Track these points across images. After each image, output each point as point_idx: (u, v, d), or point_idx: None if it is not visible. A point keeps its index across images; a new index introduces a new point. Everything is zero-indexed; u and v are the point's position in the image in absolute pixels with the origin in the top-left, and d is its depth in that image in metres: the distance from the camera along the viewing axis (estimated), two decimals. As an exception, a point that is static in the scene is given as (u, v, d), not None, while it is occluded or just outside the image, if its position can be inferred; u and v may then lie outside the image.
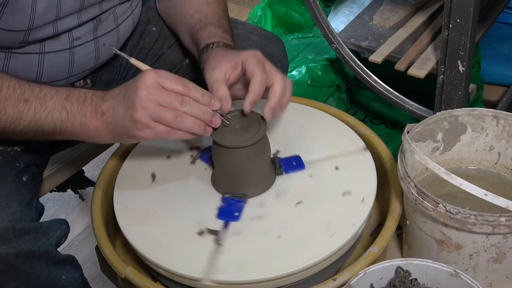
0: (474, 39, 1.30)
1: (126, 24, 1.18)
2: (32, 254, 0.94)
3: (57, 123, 0.95)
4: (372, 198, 1.01)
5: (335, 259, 0.95)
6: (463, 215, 0.87)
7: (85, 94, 0.96)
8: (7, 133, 0.96)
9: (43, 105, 0.94)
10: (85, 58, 1.12)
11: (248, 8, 2.53)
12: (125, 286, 0.99)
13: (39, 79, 1.08)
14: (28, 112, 0.94)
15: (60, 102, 0.95)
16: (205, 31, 1.11)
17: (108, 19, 1.13)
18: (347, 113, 1.23)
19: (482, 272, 0.93)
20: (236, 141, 0.97)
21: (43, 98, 0.95)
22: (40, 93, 0.95)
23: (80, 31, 1.09)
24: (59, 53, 1.08)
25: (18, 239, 0.92)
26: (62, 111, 0.95)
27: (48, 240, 0.96)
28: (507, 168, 1.06)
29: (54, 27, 1.04)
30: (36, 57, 1.06)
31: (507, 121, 1.03)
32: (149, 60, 1.27)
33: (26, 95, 0.94)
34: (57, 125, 0.95)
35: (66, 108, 0.95)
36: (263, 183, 1.03)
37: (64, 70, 1.10)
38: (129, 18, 1.18)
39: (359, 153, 1.09)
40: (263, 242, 0.95)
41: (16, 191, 0.98)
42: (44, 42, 1.05)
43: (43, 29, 1.03)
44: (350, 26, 1.63)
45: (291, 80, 1.78)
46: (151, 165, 1.10)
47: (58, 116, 0.95)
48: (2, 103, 0.93)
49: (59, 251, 1.00)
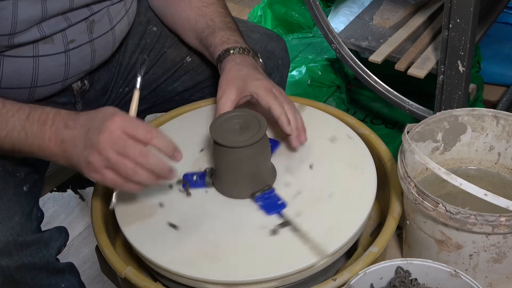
0: (474, 39, 1.30)
1: (122, 25, 1.17)
2: (33, 266, 0.94)
3: (16, 142, 0.93)
4: (372, 198, 1.01)
5: (335, 259, 0.95)
6: (463, 215, 0.87)
7: (47, 115, 0.93)
8: None
9: (3, 122, 0.92)
10: (81, 60, 1.12)
11: (248, 8, 2.53)
12: (125, 286, 0.99)
13: (34, 83, 1.08)
14: None
15: (20, 122, 0.93)
16: (217, 36, 1.13)
17: (102, 20, 1.12)
18: (347, 113, 1.23)
19: (482, 272, 0.93)
20: (239, 141, 0.97)
21: (5, 115, 0.93)
22: (3, 109, 0.93)
23: (74, 33, 1.08)
24: (54, 57, 1.07)
25: (20, 252, 0.92)
26: (21, 131, 0.92)
27: (48, 252, 0.96)
28: (507, 168, 1.06)
29: (40, 29, 1.02)
30: (30, 61, 1.05)
31: (507, 121, 1.03)
32: (150, 60, 1.28)
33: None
34: (16, 145, 0.93)
35: (25, 129, 0.92)
36: (271, 174, 1.04)
37: (60, 73, 1.10)
38: (124, 18, 1.17)
39: (358, 153, 1.09)
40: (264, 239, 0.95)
41: (17, 203, 0.98)
42: (37, 44, 1.04)
43: (28, 32, 1.01)
44: (350, 26, 1.63)
45: (291, 80, 1.80)
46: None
47: (17, 136, 0.93)
48: None
49: (59, 259, 1.00)
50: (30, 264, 0.93)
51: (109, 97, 1.27)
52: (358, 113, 1.87)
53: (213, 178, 1.04)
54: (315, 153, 1.09)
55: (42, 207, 1.07)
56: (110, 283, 1.08)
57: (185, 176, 1.05)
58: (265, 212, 0.99)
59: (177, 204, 1.02)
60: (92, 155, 0.88)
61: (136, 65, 1.27)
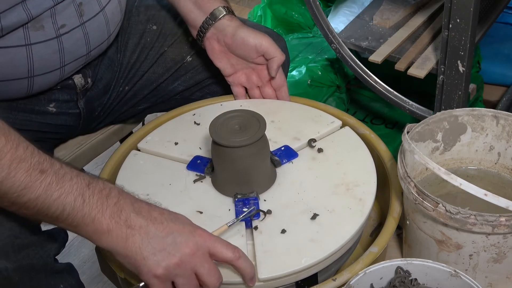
0: (474, 39, 1.30)
1: (112, 6, 1.16)
2: (32, 267, 0.92)
3: (68, 208, 0.83)
4: (372, 198, 1.01)
5: (335, 259, 0.95)
6: (463, 215, 0.87)
7: (110, 189, 0.86)
8: (6, 200, 0.83)
9: (59, 183, 0.83)
10: (75, 45, 1.10)
11: (248, 8, 2.53)
12: (125, 286, 0.99)
13: (31, 72, 1.06)
14: (41, 185, 0.82)
15: (79, 187, 0.84)
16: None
17: (91, 2, 1.11)
18: (347, 113, 1.23)
19: (482, 272, 0.93)
20: (238, 140, 0.97)
21: (62, 176, 0.83)
22: (60, 170, 0.84)
23: (64, 18, 1.07)
24: (47, 43, 1.06)
25: (18, 253, 0.91)
26: (78, 197, 0.83)
27: (46, 253, 0.95)
28: (507, 168, 1.06)
29: (25, 8, 1.00)
30: (23, 50, 1.04)
31: (507, 121, 1.03)
32: (150, 59, 1.28)
33: (44, 166, 0.83)
34: (66, 210, 0.83)
35: (84, 196, 0.84)
36: (268, 179, 1.04)
37: (56, 60, 1.08)
38: None
39: (358, 153, 1.09)
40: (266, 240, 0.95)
41: None
42: (27, 31, 1.03)
43: (13, 11, 0.98)
44: (350, 26, 1.63)
45: (291, 80, 1.80)
46: (152, 166, 1.10)
47: (71, 201, 0.83)
48: (15, 164, 0.80)
49: (57, 259, 1.00)
50: (29, 265, 0.92)
51: (110, 96, 1.27)
52: (358, 113, 1.87)
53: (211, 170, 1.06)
54: (315, 153, 1.09)
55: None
56: (110, 283, 1.08)
57: (195, 158, 1.09)
58: (236, 215, 0.99)
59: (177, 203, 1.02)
60: (170, 261, 0.84)
61: (137, 64, 1.27)
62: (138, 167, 1.10)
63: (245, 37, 1.17)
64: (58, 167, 0.84)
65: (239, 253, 0.88)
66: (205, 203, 1.02)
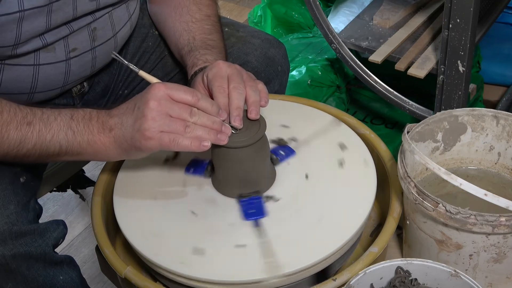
0: (474, 39, 1.30)
1: (124, 31, 1.18)
2: (29, 255, 0.94)
3: (63, 143, 0.94)
4: (372, 198, 1.01)
5: (335, 259, 0.95)
6: (463, 215, 0.87)
7: (90, 113, 0.95)
8: (9, 157, 0.95)
9: (47, 126, 0.93)
10: (82, 67, 1.12)
11: (248, 8, 2.53)
12: (125, 286, 0.99)
13: (33, 89, 1.08)
14: (32, 134, 0.93)
15: (65, 122, 0.94)
16: (190, 57, 1.12)
17: (105, 27, 1.12)
18: (347, 113, 1.23)
19: (482, 272, 0.93)
20: (239, 141, 0.97)
21: (47, 120, 0.94)
22: (43, 116, 0.94)
23: (76, 42, 1.08)
24: (55, 65, 1.08)
25: (14, 241, 0.92)
26: (68, 131, 0.94)
27: (44, 242, 0.96)
28: (507, 168, 1.06)
29: (42, 39, 1.03)
30: (30, 69, 1.06)
31: (507, 121, 1.03)
32: (151, 63, 1.28)
33: (29, 118, 0.93)
34: (63, 145, 0.94)
35: (72, 127, 0.94)
36: (269, 177, 1.04)
37: (60, 80, 1.10)
38: (127, 24, 1.17)
39: (358, 153, 1.09)
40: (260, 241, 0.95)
41: (13, 192, 0.98)
42: (38, 53, 1.05)
43: (31, 42, 1.02)
44: (350, 26, 1.63)
45: (291, 80, 1.80)
46: (152, 166, 1.10)
47: (64, 136, 0.94)
48: (5, 127, 0.91)
49: (57, 252, 1.00)
50: (26, 253, 0.93)
51: (109, 99, 1.27)
52: (358, 113, 1.88)
53: (211, 171, 1.06)
54: (315, 153, 1.09)
55: (42, 207, 1.07)
56: (110, 283, 1.08)
57: (192, 161, 1.08)
58: (243, 216, 0.99)
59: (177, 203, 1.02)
60: (146, 122, 0.90)
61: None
62: (138, 168, 1.10)
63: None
64: (40, 113, 0.94)
65: (198, 95, 0.92)
66: (207, 205, 1.02)
